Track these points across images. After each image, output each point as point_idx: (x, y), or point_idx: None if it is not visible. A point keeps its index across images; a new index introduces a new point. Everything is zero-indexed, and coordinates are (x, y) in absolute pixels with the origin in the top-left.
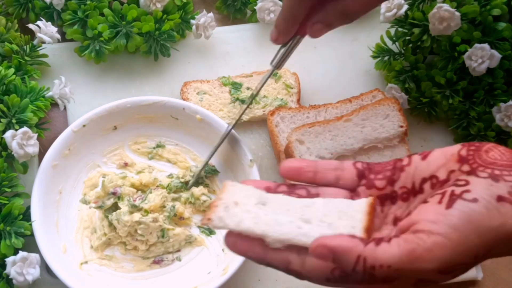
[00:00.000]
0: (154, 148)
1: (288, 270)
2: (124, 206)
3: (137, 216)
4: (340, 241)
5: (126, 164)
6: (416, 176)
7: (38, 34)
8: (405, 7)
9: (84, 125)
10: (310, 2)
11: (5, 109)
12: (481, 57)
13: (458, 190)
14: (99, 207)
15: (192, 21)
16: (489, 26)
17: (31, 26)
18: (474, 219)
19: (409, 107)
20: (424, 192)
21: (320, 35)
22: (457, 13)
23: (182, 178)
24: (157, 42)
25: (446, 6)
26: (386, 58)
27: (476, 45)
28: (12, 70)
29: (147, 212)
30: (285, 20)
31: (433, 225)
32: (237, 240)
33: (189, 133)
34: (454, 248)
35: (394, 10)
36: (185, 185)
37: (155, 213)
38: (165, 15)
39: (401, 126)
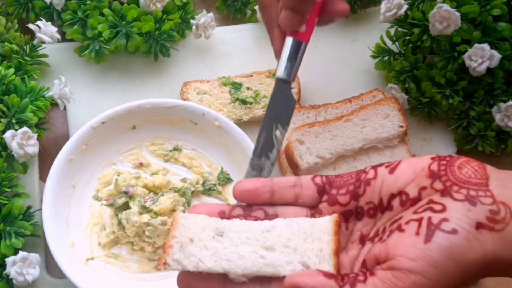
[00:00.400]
0: (170, 151)
1: None
2: (134, 206)
3: (146, 217)
4: (315, 283)
5: (141, 164)
6: (383, 191)
7: (38, 34)
8: (405, 7)
9: (103, 122)
10: None
11: (5, 109)
12: (481, 57)
13: (435, 218)
14: (110, 205)
15: (192, 21)
16: (489, 26)
17: (31, 26)
18: (455, 255)
19: (409, 107)
20: (393, 209)
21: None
22: (457, 13)
23: (196, 184)
24: (157, 42)
25: (446, 6)
26: (386, 58)
27: (476, 45)
28: (12, 70)
29: (156, 214)
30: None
31: (411, 262)
32: (192, 281)
33: (206, 139)
34: (433, 286)
35: (394, 10)
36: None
37: (165, 216)
38: (165, 15)
39: (401, 126)
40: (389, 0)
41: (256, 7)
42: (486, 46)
